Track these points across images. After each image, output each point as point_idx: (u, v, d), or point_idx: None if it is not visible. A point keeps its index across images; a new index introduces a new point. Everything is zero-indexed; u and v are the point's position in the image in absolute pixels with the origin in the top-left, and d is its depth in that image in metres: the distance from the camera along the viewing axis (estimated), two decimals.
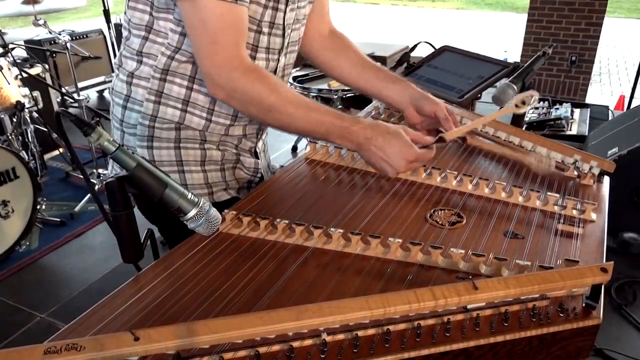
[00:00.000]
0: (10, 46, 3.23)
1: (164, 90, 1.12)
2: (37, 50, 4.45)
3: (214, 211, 0.86)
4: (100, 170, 3.49)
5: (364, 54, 1.39)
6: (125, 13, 1.14)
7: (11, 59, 3.16)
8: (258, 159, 1.32)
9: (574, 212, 1.10)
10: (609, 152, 2.85)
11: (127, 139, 1.19)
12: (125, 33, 1.15)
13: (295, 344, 0.74)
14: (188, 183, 1.20)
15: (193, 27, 1.01)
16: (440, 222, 1.06)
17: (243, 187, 1.31)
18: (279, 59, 1.21)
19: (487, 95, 1.70)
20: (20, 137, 3.17)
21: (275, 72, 1.22)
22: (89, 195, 3.34)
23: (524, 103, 1.12)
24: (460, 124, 1.50)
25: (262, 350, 0.73)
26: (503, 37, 9.75)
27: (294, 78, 3.48)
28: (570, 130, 3.63)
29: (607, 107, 4.15)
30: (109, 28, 4.69)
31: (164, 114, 1.14)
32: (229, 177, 1.26)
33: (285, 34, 1.18)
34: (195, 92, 1.13)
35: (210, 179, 1.22)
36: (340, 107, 3.10)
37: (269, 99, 1.04)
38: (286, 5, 1.14)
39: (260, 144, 1.34)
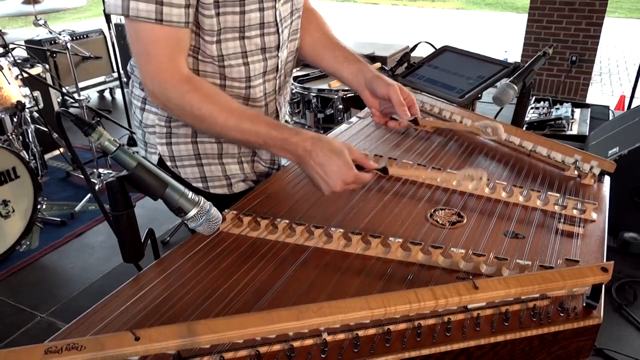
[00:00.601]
0: (11, 46, 3.23)
1: None
2: (38, 50, 4.46)
3: (214, 211, 0.87)
4: (100, 170, 3.49)
5: (330, 33, 1.37)
6: None
7: (12, 59, 3.16)
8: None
9: (575, 211, 1.10)
10: (610, 152, 2.85)
11: (148, 138, 1.23)
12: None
13: (296, 343, 0.74)
14: (207, 176, 1.22)
15: (129, 36, 1.03)
16: (440, 222, 1.06)
17: (261, 180, 1.32)
18: (278, 55, 1.20)
19: (488, 95, 1.70)
20: (20, 137, 3.17)
21: (277, 67, 1.21)
22: (89, 195, 3.34)
23: (472, 179, 1.09)
24: (428, 114, 1.52)
25: (263, 350, 0.73)
26: (503, 37, 9.74)
27: (294, 78, 3.47)
28: (571, 130, 3.63)
29: (607, 107, 4.15)
30: (109, 28, 4.68)
31: None
32: (247, 170, 1.27)
33: (280, 30, 1.17)
34: None
35: (228, 171, 1.24)
36: (340, 107, 3.09)
37: (200, 111, 1.04)
38: (275, 1, 1.12)
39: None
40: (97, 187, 3.29)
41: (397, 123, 1.28)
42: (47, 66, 4.04)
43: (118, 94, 5.63)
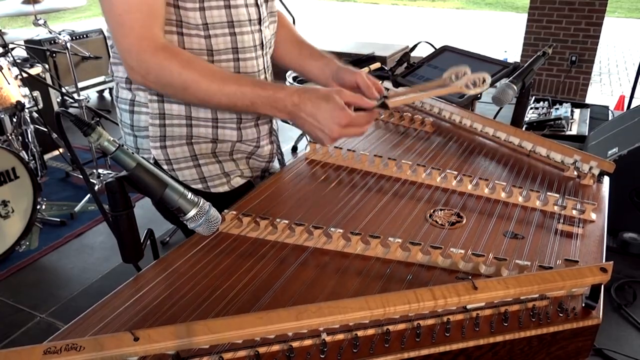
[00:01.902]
0: (11, 46, 3.23)
1: None
2: (37, 50, 4.46)
3: (213, 211, 0.87)
4: (100, 171, 3.49)
5: (295, 32, 1.38)
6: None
7: (11, 59, 3.16)
8: (275, 143, 1.33)
9: (574, 212, 1.10)
10: (609, 152, 2.85)
11: (141, 143, 1.19)
12: (110, 42, 1.15)
13: (295, 344, 0.74)
14: (206, 176, 1.21)
15: (104, 12, 1.01)
16: (440, 222, 1.06)
17: (257, 176, 1.32)
18: (261, 30, 1.19)
19: (487, 95, 1.70)
20: (20, 137, 3.17)
21: (262, 44, 1.21)
22: (89, 195, 3.34)
23: (474, 85, 1.06)
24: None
25: (262, 350, 0.73)
26: (503, 37, 9.75)
27: (293, 78, 3.47)
28: (570, 130, 3.63)
29: (607, 107, 4.15)
30: None
31: (170, 110, 1.14)
32: (242, 166, 1.27)
33: (259, 2, 1.17)
34: None
35: (226, 168, 1.23)
36: None
37: (181, 77, 1.00)
38: None
39: (274, 121, 1.33)
40: (96, 187, 3.28)
41: (372, 103, 1.24)
42: (46, 66, 4.04)
43: None
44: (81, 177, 3.63)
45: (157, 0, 1.01)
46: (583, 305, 0.81)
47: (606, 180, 1.27)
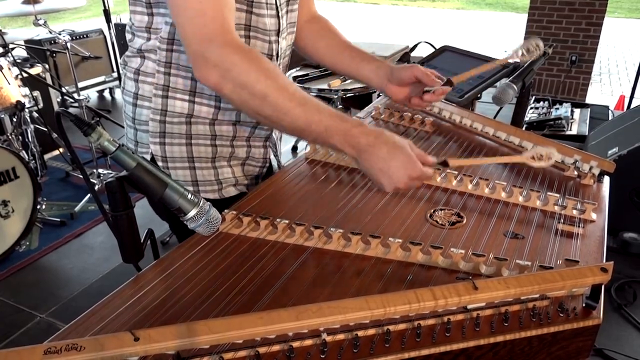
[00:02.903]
0: (11, 46, 3.23)
1: (170, 84, 1.12)
2: (37, 50, 4.46)
3: (214, 211, 0.86)
4: (100, 170, 3.49)
5: (343, 37, 1.38)
6: (129, 19, 1.15)
7: (11, 58, 3.16)
8: (272, 149, 1.33)
9: (574, 212, 1.10)
10: (609, 152, 2.85)
11: (140, 136, 1.19)
12: (129, 36, 1.16)
13: (295, 344, 0.74)
14: (199, 180, 1.21)
15: (175, 5, 0.95)
16: (440, 222, 1.06)
17: (252, 183, 1.31)
18: (278, 41, 1.20)
19: (487, 95, 1.70)
20: (20, 137, 3.17)
21: (277, 55, 1.21)
22: (89, 195, 3.34)
23: (540, 158, 1.07)
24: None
25: (262, 350, 0.73)
26: (503, 37, 9.74)
27: (294, 78, 3.48)
28: (570, 130, 3.63)
29: (607, 107, 4.16)
30: (109, 28, 4.68)
31: (172, 107, 1.14)
32: (238, 173, 1.26)
33: (280, 14, 1.17)
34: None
35: (220, 175, 1.22)
36: (340, 107, 3.09)
37: (265, 84, 0.94)
38: None
39: (277, 132, 1.33)
40: (96, 187, 3.28)
41: (431, 95, 1.27)
42: (46, 66, 4.04)
43: (118, 94, 5.62)
44: (81, 177, 3.63)
45: None
46: (583, 305, 0.80)
47: (606, 180, 1.27)
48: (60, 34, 3.80)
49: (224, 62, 0.94)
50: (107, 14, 4.57)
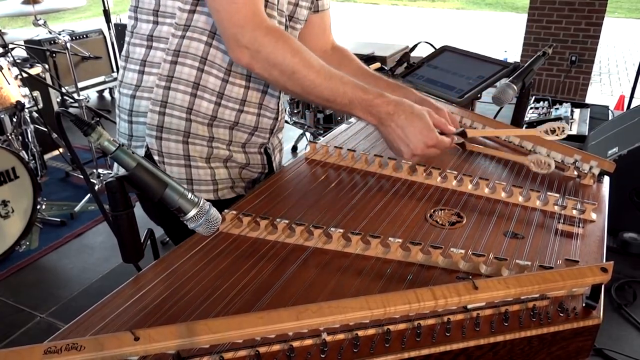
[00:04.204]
0: (10, 46, 3.23)
1: (174, 74, 1.12)
2: (37, 50, 4.46)
3: (214, 211, 0.86)
4: (100, 170, 3.49)
5: (364, 65, 1.40)
6: (132, 1, 1.14)
7: (11, 59, 3.16)
8: (269, 155, 1.33)
9: (574, 212, 1.10)
10: (609, 152, 2.85)
11: (136, 129, 1.18)
12: (131, 22, 1.15)
13: (296, 343, 0.74)
14: (194, 178, 1.20)
15: None
16: (440, 222, 1.06)
17: (250, 187, 1.31)
18: None
19: (487, 95, 1.70)
20: (20, 137, 3.17)
21: None
22: (89, 195, 3.34)
23: (553, 132, 1.12)
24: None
25: (262, 350, 0.73)
26: (503, 37, 9.75)
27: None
28: (570, 130, 3.64)
29: (607, 107, 4.16)
30: (109, 28, 4.69)
31: (173, 99, 1.13)
32: (234, 175, 1.26)
33: (287, 26, 1.19)
34: (205, 74, 1.13)
35: (217, 176, 1.22)
36: None
37: (293, 61, 1.02)
38: None
39: (275, 141, 1.33)
40: (96, 187, 3.29)
41: (453, 129, 1.21)
42: (46, 66, 4.04)
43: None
44: (81, 177, 3.63)
45: None
46: (583, 305, 0.80)
47: (606, 180, 1.27)
48: (60, 34, 3.80)
49: (253, 44, 1.02)
50: (107, 14, 4.58)
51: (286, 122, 1.13)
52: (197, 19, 1.09)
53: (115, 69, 5.42)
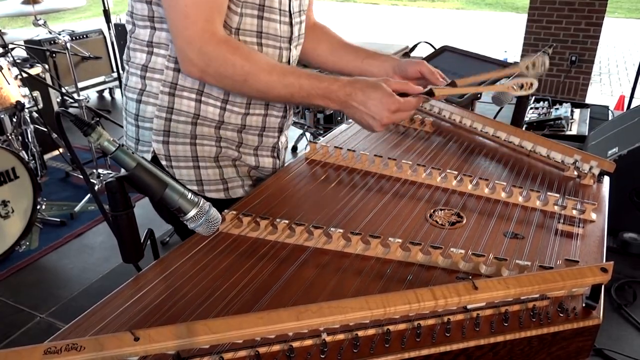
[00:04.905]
0: (10, 46, 3.23)
1: (178, 82, 1.12)
2: (37, 50, 4.46)
3: (214, 211, 0.86)
4: (100, 170, 3.49)
5: (342, 38, 1.40)
6: (129, 5, 1.14)
7: (11, 59, 3.16)
8: (278, 158, 1.33)
9: (574, 212, 1.10)
10: (609, 152, 2.85)
11: (143, 134, 1.18)
12: (129, 27, 1.14)
13: (295, 344, 0.74)
14: (204, 179, 1.21)
15: (166, 4, 1.02)
16: (440, 222, 1.06)
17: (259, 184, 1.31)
18: (290, 49, 1.21)
19: (487, 95, 1.70)
20: (20, 137, 3.17)
21: (289, 63, 1.22)
22: (89, 195, 3.34)
23: (521, 87, 1.12)
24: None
25: (262, 350, 0.73)
26: (503, 37, 9.75)
27: None
28: (570, 130, 3.64)
29: (607, 107, 4.16)
30: (109, 28, 4.68)
31: (179, 105, 1.13)
32: (242, 174, 1.26)
33: (293, 22, 1.18)
34: None
35: (225, 174, 1.23)
36: None
37: (243, 69, 1.03)
38: None
39: (283, 139, 1.34)
40: (96, 187, 3.29)
41: (418, 88, 1.28)
42: (46, 66, 4.05)
43: (117, 94, 5.63)
44: (81, 177, 3.63)
45: None
46: (583, 305, 0.80)
47: (606, 180, 1.27)
48: (60, 34, 3.80)
49: (202, 59, 1.03)
50: (106, 14, 4.57)
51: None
52: None
53: (115, 69, 5.42)
